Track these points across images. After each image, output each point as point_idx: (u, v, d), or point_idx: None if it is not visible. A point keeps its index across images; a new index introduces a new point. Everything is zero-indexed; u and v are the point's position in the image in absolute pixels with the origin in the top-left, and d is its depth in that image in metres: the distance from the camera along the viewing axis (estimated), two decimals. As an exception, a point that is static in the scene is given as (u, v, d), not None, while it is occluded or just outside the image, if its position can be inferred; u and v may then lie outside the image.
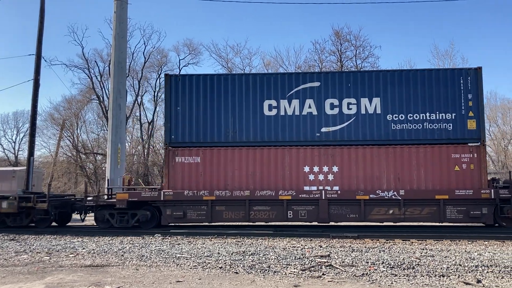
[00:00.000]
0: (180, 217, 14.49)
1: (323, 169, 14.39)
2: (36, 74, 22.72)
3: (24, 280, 7.82)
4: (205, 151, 14.60)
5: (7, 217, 15.18)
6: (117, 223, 14.79)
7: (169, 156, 14.66)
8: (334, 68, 34.49)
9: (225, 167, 14.56)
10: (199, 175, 14.58)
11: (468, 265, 8.68)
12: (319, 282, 7.54)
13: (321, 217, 14.18)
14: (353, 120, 14.51)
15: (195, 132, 14.76)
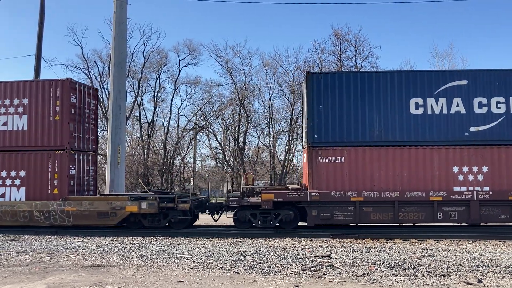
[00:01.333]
0: (328, 218, 14.10)
1: (473, 170, 14.06)
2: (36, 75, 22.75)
3: (25, 280, 7.83)
4: (349, 150, 14.22)
5: (143, 218, 14.65)
6: (260, 223, 14.43)
7: (312, 156, 14.26)
8: (334, 68, 34.53)
9: (371, 167, 14.16)
10: (343, 175, 14.18)
11: (468, 265, 8.70)
12: (320, 282, 7.56)
13: (473, 218, 13.87)
14: (502, 119, 14.19)
15: (338, 131, 14.35)
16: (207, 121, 40.90)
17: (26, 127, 14.97)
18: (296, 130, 37.05)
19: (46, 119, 14.90)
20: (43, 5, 23.26)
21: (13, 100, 15.11)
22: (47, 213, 14.46)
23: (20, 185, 14.83)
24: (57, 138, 14.81)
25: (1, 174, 14.92)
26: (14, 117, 15.03)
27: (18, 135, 15.00)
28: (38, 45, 23.01)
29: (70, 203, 14.47)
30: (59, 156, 14.73)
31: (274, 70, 38.70)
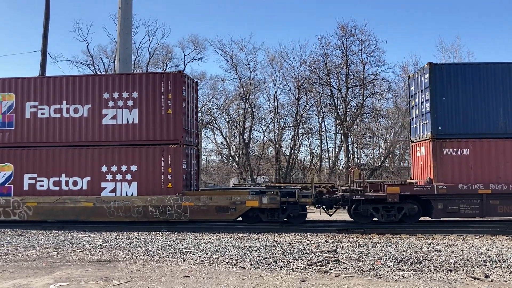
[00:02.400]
0: (454, 211, 13.90)
1: None
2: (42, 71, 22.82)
3: (33, 275, 7.88)
4: (474, 142, 14.11)
5: (261, 213, 14.41)
6: (383, 217, 14.25)
7: (436, 148, 14.14)
8: (339, 62, 34.36)
9: (496, 159, 14.04)
10: (469, 167, 14.06)
11: (476, 260, 8.65)
12: (326, 277, 7.55)
13: None
14: None
15: (462, 123, 14.25)
16: (213, 116, 40.91)
17: (136, 121, 14.64)
18: (301, 125, 36.96)
19: (157, 113, 14.56)
20: (48, 1, 23.28)
21: (122, 93, 14.74)
22: (163, 208, 14.22)
23: (132, 180, 14.50)
24: (170, 132, 14.47)
25: (112, 169, 14.61)
26: (124, 110, 14.68)
27: (128, 129, 14.68)
28: (43, 41, 23.06)
29: (187, 198, 14.24)
30: (173, 151, 14.39)
31: (279, 65, 38.57)
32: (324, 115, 37.88)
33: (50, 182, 14.83)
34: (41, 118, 15.04)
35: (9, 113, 15.16)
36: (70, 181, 14.77)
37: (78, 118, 14.90)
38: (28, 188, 14.88)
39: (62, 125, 14.95)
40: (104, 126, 14.77)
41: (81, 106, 14.90)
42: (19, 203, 14.73)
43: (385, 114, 37.03)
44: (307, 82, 35.51)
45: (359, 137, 37.16)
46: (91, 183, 14.67)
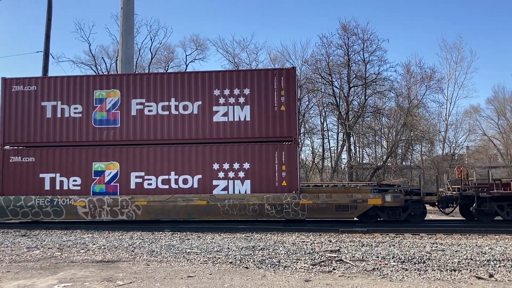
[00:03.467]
0: None
1: None
2: (44, 71, 22.88)
3: (37, 275, 7.89)
4: None
5: (381, 211, 14.15)
6: (509, 215, 14.09)
7: None
8: (341, 62, 34.32)
9: None
10: None
11: (479, 260, 8.64)
12: (330, 277, 7.54)
13: None
14: None
15: None
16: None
17: (248, 118, 14.51)
18: (304, 125, 36.91)
19: (270, 110, 14.46)
20: (50, 2, 23.33)
21: (233, 90, 14.64)
22: (280, 206, 14.00)
23: (245, 178, 14.31)
24: (283, 129, 14.34)
25: (224, 167, 14.45)
26: (235, 107, 14.57)
27: (240, 126, 14.55)
28: (46, 42, 23.11)
29: (305, 196, 14.03)
30: (287, 148, 14.25)
31: (281, 64, 38.57)
32: (326, 114, 37.87)
33: (159, 181, 14.59)
34: (148, 115, 14.81)
35: (114, 110, 14.96)
36: (180, 179, 14.54)
37: (187, 115, 14.70)
38: (135, 186, 14.64)
39: (171, 123, 14.74)
40: (215, 124, 14.59)
41: (191, 103, 14.71)
42: (128, 202, 14.46)
43: (387, 113, 37.00)
44: (309, 82, 35.50)
45: (361, 136, 37.13)
46: (202, 181, 14.46)
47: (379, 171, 33.79)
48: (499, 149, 46.42)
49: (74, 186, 14.80)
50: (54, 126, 15.05)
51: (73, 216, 14.69)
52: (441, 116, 40.42)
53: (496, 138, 47.20)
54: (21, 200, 14.72)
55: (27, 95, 15.23)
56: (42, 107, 15.14)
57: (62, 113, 15.03)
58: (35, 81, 15.35)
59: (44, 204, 14.64)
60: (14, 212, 14.75)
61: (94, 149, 14.80)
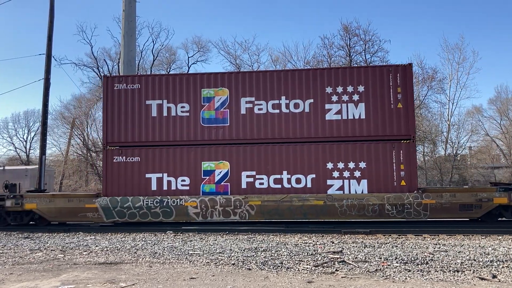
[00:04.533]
0: None
1: None
2: (46, 74, 22.92)
3: (40, 277, 7.90)
4: None
5: (505, 210, 13.85)
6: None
7: None
8: (343, 63, 34.29)
9: None
10: None
11: (482, 260, 8.62)
12: (333, 278, 7.53)
13: None
14: None
15: None
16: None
17: (363, 116, 14.12)
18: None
19: (386, 107, 14.09)
20: (52, 4, 23.39)
21: (346, 87, 14.27)
22: (401, 206, 13.69)
23: (361, 177, 13.97)
24: (401, 127, 13.97)
25: (338, 166, 14.08)
26: (349, 105, 14.19)
27: (354, 124, 14.15)
28: (48, 44, 23.15)
29: (428, 196, 13.65)
30: (405, 146, 13.89)
31: (283, 66, 38.59)
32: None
33: (271, 180, 14.28)
34: (258, 114, 14.49)
35: (222, 109, 14.61)
36: (292, 178, 14.21)
37: (298, 114, 14.38)
38: (246, 186, 14.32)
39: (282, 121, 14.40)
40: (328, 122, 14.22)
41: (302, 101, 14.42)
42: (241, 202, 14.15)
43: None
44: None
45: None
46: (316, 180, 14.13)
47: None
48: (501, 149, 46.32)
49: (182, 186, 14.51)
50: (160, 125, 14.72)
51: (183, 217, 14.43)
52: (443, 117, 40.37)
53: (498, 138, 47.10)
54: (128, 201, 14.42)
55: (130, 93, 14.88)
56: (146, 105, 14.82)
57: (169, 112, 14.72)
58: (139, 79, 15.09)
59: (153, 205, 14.33)
60: (121, 214, 14.46)
61: (203, 148, 14.50)
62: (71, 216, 14.88)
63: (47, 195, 15.09)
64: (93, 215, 14.61)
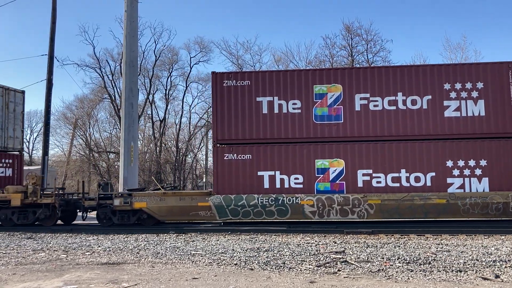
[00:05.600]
0: None
1: None
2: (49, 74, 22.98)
3: (42, 277, 7.92)
4: None
5: None
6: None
7: None
8: (345, 63, 34.27)
9: None
10: None
11: (485, 260, 8.60)
12: (335, 278, 7.53)
13: None
14: None
15: None
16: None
17: (483, 113, 13.88)
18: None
19: (505, 104, 13.89)
20: (55, 5, 23.45)
21: (464, 84, 14.03)
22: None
23: (482, 175, 13.71)
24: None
25: (458, 164, 13.83)
26: (468, 102, 13.95)
27: (473, 121, 13.93)
28: (50, 44, 23.21)
29: None
30: None
31: (285, 66, 38.57)
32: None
33: (388, 178, 14.00)
34: (373, 111, 14.22)
35: (336, 105, 14.37)
36: (411, 177, 13.95)
37: (416, 111, 14.13)
38: (362, 185, 14.06)
39: (398, 118, 14.15)
40: (447, 119, 13.99)
41: (419, 98, 14.17)
42: (360, 201, 13.91)
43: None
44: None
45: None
46: (435, 179, 13.87)
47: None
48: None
49: (296, 185, 14.25)
50: (271, 122, 14.49)
51: (298, 215, 14.19)
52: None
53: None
54: (242, 199, 14.21)
55: (240, 90, 14.62)
56: (257, 102, 14.57)
57: (280, 109, 14.48)
58: (248, 75, 14.86)
59: (268, 203, 14.14)
60: (235, 212, 14.26)
61: (316, 146, 14.26)
62: (181, 215, 14.72)
63: (158, 194, 14.81)
64: (205, 213, 14.40)
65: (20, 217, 15.33)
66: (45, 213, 15.13)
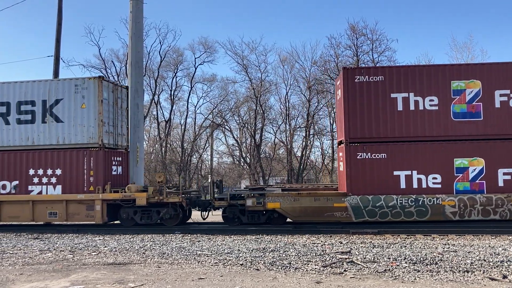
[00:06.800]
0: None
1: None
2: (55, 75, 23.08)
3: (49, 278, 7.96)
4: None
5: None
6: None
7: None
8: (350, 62, 34.20)
9: None
10: None
11: (493, 261, 8.54)
12: (341, 279, 7.51)
13: None
14: None
15: None
16: (224, 118, 41.03)
17: None
18: (313, 126, 36.87)
19: None
20: (61, 6, 23.56)
21: None
22: None
23: None
24: None
25: None
26: None
27: None
28: (56, 46, 23.33)
29: None
30: None
31: (291, 66, 38.55)
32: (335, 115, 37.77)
33: None
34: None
35: (474, 102, 13.85)
36: None
37: None
38: (503, 184, 13.63)
39: None
40: None
41: None
42: (504, 201, 13.51)
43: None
44: (318, 83, 35.44)
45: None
46: None
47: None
48: None
49: (434, 184, 13.82)
50: (406, 119, 14.01)
51: (438, 216, 13.79)
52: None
53: None
54: (380, 200, 13.79)
55: (372, 86, 14.09)
56: (391, 99, 14.05)
57: (416, 106, 13.97)
58: (382, 70, 14.40)
59: (407, 204, 13.73)
60: (372, 213, 13.88)
61: (454, 144, 13.82)
62: (316, 216, 14.33)
63: (292, 194, 14.50)
64: (341, 214, 14.05)
65: (144, 216, 14.98)
66: (169, 212, 14.85)
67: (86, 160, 14.86)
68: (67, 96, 15.16)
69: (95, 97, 15.01)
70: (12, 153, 15.27)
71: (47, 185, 15.07)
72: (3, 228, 15.30)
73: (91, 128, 14.98)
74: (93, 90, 15.02)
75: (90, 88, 15.05)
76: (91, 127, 14.98)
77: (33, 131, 15.26)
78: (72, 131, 15.08)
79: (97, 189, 14.69)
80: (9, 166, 15.24)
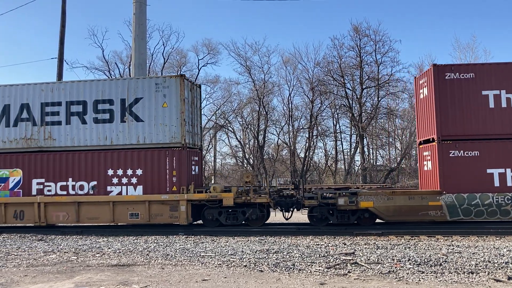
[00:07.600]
0: None
1: None
2: (58, 77, 23.17)
3: (54, 279, 7.98)
4: None
5: None
6: None
7: None
8: (353, 63, 34.16)
9: None
10: None
11: (497, 262, 8.51)
12: (345, 280, 7.49)
13: None
14: None
15: None
16: (227, 119, 41.02)
17: None
18: (316, 127, 36.81)
19: None
20: (64, 8, 23.66)
21: None
22: None
23: None
24: None
25: None
26: None
27: None
28: (60, 48, 23.42)
29: None
30: None
31: (294, 67, 38.51)
32: (338, 116, 37.68)
33: None
34: None
35: None
36: None
37: None
38: None
39: None
40: None
41: None
42: None
43: (401, 114, 36.71)
44: (321, 84, 35.41)
45: (374, 138, 36.87)
46: None
47: (393, 173, 33.53)
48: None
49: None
50: (498, 117, 13.96)
51: None
52: None
53: None
54: (476, 198, 13.65)
55: (463, 83, 14.08)
56: (482, 96, 14.01)
57: (508, 103, 13.93)
58: (473, 68, 14.32)
59: (504, 202, 13.58)
60: (467, 211, 13.70)
61: None
62: (410, 215, 14.12)
63: (386, 193, 14.30)
64: (435, 213, 13.88)
65: (230, 217, 14.78)
66: (256, 213, 14.65)
67: (168, 160, 14.56)
68: (147, 94, 14.83)
69: (177, 96, 14.69)
70: (90, 153, 14.92)
71: (127, 185, 14.73)
72: (7, 229, 15.34)
73: (173, 127, 14.63)
74: (175, 89, 14.70)
75: (172, 87, 14.73)
76: (173, 126, 14.63)
77: (111, 131, 14.91)
78: (153, 131, 14.73)
79: (181, 190, 14.42)
80: (86, 167, 14.90)
